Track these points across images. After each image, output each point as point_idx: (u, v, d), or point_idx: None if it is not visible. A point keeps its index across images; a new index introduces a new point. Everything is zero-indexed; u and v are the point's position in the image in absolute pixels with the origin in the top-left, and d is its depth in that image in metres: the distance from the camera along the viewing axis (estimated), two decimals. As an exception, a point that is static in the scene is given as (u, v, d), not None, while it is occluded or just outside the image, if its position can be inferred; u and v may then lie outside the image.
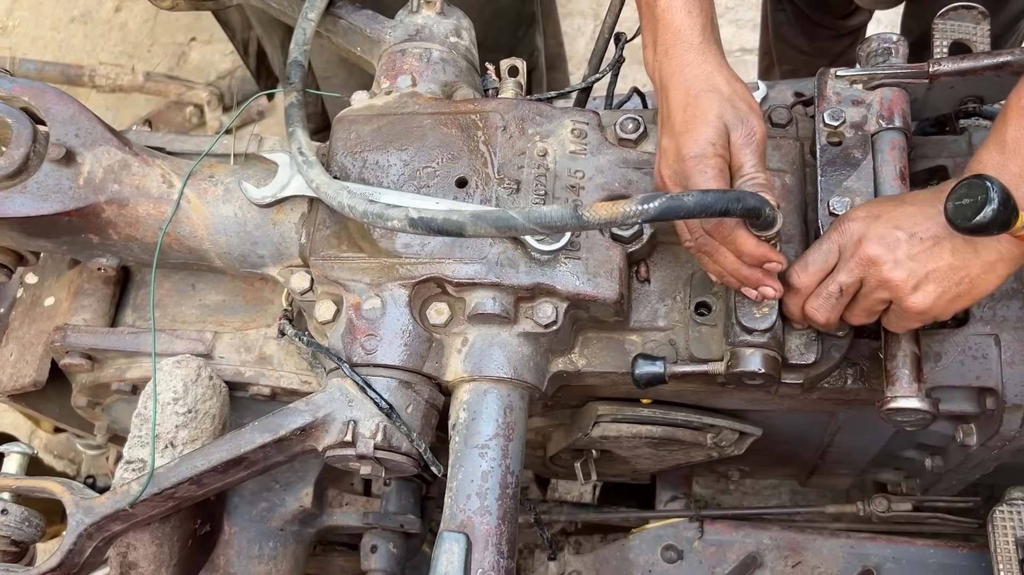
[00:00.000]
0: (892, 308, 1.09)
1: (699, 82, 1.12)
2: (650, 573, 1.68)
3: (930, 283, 1.04)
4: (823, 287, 1.11)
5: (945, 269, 1.04)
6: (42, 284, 1.56)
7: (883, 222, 1.07)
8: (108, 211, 1.31)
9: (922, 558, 1.61)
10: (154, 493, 1.20)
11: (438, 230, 1.03)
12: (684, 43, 1.14)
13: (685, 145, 1.09)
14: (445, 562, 1.07)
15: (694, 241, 1.13)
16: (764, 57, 2.73)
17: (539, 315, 1.22)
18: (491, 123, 1.29)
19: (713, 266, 1.14)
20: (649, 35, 1.19)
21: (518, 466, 1.20)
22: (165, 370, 1.32)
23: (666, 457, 1.54)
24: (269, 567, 1.48)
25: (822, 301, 1.12)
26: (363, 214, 1.10)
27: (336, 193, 1.14)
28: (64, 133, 1.30)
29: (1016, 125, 1.03)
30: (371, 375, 1.20)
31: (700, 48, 1.14)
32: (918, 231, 1.05)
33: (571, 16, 3.50)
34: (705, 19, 1.15)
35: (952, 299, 1.06)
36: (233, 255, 1.35)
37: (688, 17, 1.14)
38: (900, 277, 1.04)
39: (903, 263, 1.04)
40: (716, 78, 1.13)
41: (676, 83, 1.13)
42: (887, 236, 1.06)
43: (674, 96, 1.13)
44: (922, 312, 1.06)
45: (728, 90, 1.12)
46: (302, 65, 1.34)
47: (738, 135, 1.09)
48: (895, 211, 1.08)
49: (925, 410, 1.13)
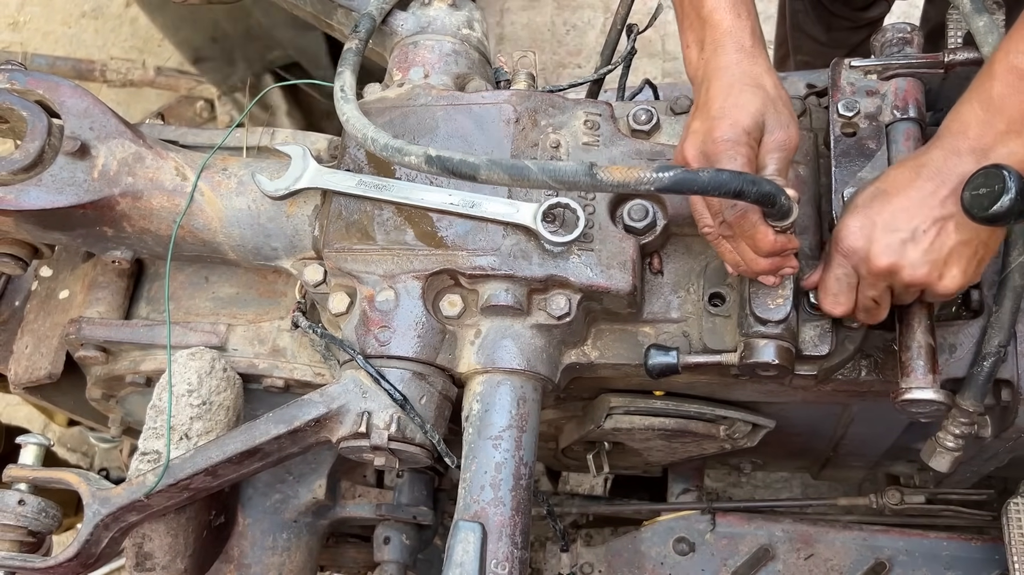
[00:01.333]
0: (927, 293, 1.10)
1: (747, 78, 1.11)
2: (662, 565, 1.68)
3: (952, 266, 1.05)
4: (859, 304, 1.13)
5: (959, 247, 1.04)
6: (57, 277, 1.57)
7: (881, 229, 1.06)
8: (122, 204, 1.31)
9: (935, 550, 1.61)
10: (169, 484, 1.21)
11: (453, 170, 1.03)
12: (735, 43, 1.13)
13: (719, 127, 1.07)
14: (461, 551, 1.08)
15: (714, 227, 1.12)
16: (779, 48, 2.72)
17: (552, 307, 1.22)
18: (504, 115, 1.29)
19: (731, 254, 1.13)
20: (693, 34, 1.18)
21: (531, 457, 1.20)
22: (179, 362, 1.33)
23: (678, 449, 1.54)
24: (283, 558, 1.49)
25: (864, 314, 1.14)
26: (383, 147, 1.11)
27: (363, 127, 1.16)
28: (79, 126, 1.30)
29: (1004, 81, 1.02)
30: (385, 367, 1.20)
31: (751, 51, 1.13)
32: (917, 224, 1.04)
33: (581, 9, 3.49)
34: (754, 23, 1.15)
35: (977, 267, 1.07)
36: (247, 247, 1.36)
37: (738, 20, 1.14)
38: (923, 274, 1.05)
39: (919, 263, 1.04)
40: (765, 79, 1.12)
41: (721, 76, 1.11)
42: (892, 244, 1.05)
43: (716, 87, 1.11)
44: (957, 289, 1.07)
45: (774, 93, 1.11)
46: (373, 19, 1.37)
47: (773, 138, 1.08)
48: (886, 211, 1.07)
49: (940, 401, 1.13)
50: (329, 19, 1.50)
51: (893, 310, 1.18)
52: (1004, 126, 1.01)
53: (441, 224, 1.24)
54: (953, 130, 1.06)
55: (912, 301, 1.14)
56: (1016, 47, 1.02)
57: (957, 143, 1.04)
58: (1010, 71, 1.02)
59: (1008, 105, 1.01)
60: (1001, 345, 1.18)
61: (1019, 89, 1.01)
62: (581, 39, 3.42)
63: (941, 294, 1.07)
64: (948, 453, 1.25)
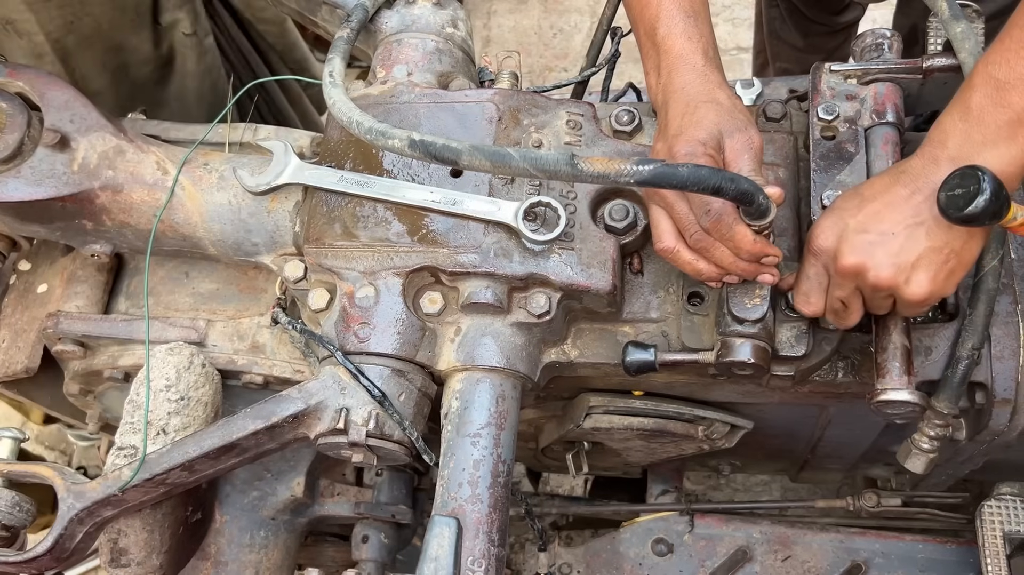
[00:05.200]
0: (896, 300, 1.10)
1: (701, 96, 1.15)
2: (640, 566, 1.68)
3: (919, 271, 1.04)
4: (829, 305, 1.14)
5: (927, 252, 1.04)
6: (35, 271, 1.56)
7: (852, 230, 1.07)
8: (102, 197, 1.31)
9: (911, 553, 1.62)
10: (145, 479, 1.20)
11: (435, 155, 1.03)
12: (686, 66, 1.17)
13: (676, 144, 1.11)
14: (436, 546, 1.08)
15: (689, 238, 1.13)
16: (758, 55, 2.74)
17: (532, 305, 1.22)
18: (486, 113, 1.29)
19: (707, 268, 1.14)
20: (651, 62, 1.22)
21: (510, 455, 1.21)
22: (158, 357, 1.32)
23: (657, 450, 1.55)
24: (260, 556, 1.48)
25: (836, 315, 1.15)
26: (368, 131, 1.11)
27: (348, 110, 1.15)
28: (59, 119, 1.30)
29: (982, 92, 1.03)
30: (364, 363, 1.20)
31: (702, 70, 1.17)
32: (887, 228, 1.05)
33: (568, 13, 3.51)
34: (706, 43, 1.19)
35: (947, 276, 1.06)
36: (227, 243, 1.35)
37: (689, 43, 1.18)
38: (888, 276, 1.04)
39: (885, 264, 1.04)
40: (718, 93, 1.15)
41: (678, 98, 1.16)
42: (860, 244, 1.06)
43: (673, 109, 1.16)
44: (925, 298, 1.06)
45: (728, 104, 1.14)
46: (366, 10, 1.37)
47: (735, 141, 1.11)
48: (859, 214, 1.07)
49: (915, 402, 1.14)
50: (313, 16, 1.50)
51: (871, 314, 1.19)
52: (982, 137, 1.02)
53: (423, 222, 1.24)
54: (934, 140, 1.07)
55: (886, 312, 1.14)
56: (996, 58, 1.03)
57: (936, 152, 1.05)
58: (988, 82, 1.02)
59: (986, 116, 1.02)
60: (975, 348, 1.19)
61: (997, 100, 1.01)
62: (568, 43, 3.43)
63: (909, 300, 1.06)
64: (923, 454, 1.26)
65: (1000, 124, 1.01)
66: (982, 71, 1.04)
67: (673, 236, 1.14)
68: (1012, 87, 1.00)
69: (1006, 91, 1.00)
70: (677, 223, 1.13)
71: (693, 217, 1.11)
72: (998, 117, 1.01)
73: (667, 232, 1.14)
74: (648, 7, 1.21)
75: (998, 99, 1.01)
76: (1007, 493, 1.45)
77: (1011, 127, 1.00)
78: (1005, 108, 1.00)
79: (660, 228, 1.15)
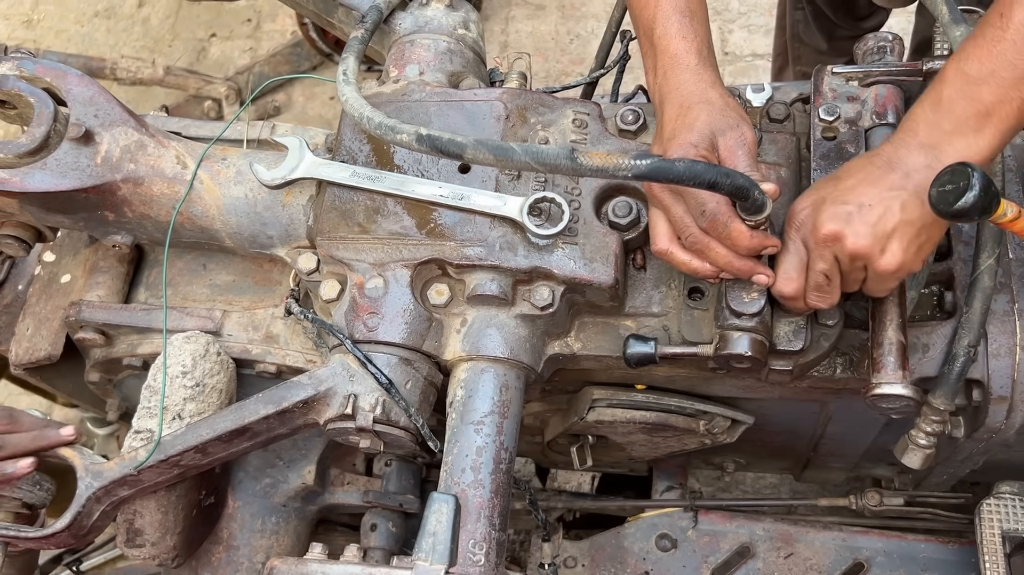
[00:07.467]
0: (868, 274, 1.13)
1: (693, 96, 1.18)
2: (644, 560, 1.71)
3: (893, 241, 1.08)
4: (810, 281, 1.15)
5: (902, 225, 1.07)
6: (59, 262, 1.61)
7: (830, 203, 1.11)
8: (124, 189, 1.35)
9: (912, 552, 1.64)
10: (160, 460, 1.25)
11: (441, 149, 1.07)
12: (681, 65, 1.21)
13: (670, 148, 1.15)
14: (434, 521, 1.11)
15: (685, 239, 1.16)
16: (778, 58, 2.75)
17: (536, 298, 1.25)
18: (494, 111, 1.33)
19: (702, 266, 1.17)
20: (649, 61, 1.26)
21: (512, 443, 1.24)
22: (175, 344, 1.36)
23: (660, 444, 1.57)
24: (271, 541, 1.52)
25: (816, 293, 1.16)
26: (377, 126, 1.16)
27: (360, 106, 1.20)
28: (83, 113, 1.35)
29: (953, 85, 1.07)
30: (372, 351, 1.24)
31: (696, 69, 1.20)
32: (864, 200, 1.08)
33: (585, 19, 3.54)
34: (700, 43, 1.22)
35: (917, 250, 1.10)
36: (243, 235, 1.40)
37: (683, 42, 1.21)
38: (865, 244, 1.08)
39: (863, 233, 1.07)
40: (710, 93, 1.19)
41: (672, 98, 1.19)
42: (838, 213, 1.09)
43: (668, 110, 1.19)
44: (896, 269, 1.09)
45: (721, 103, 1.17)
46: (380, 11, 1.43)
47: (728, 139, 1.14)
48: (835, 190, 1.12)
49: (909, 396, 1.16)
50: (330, 17, 1.55)
51: (870, 311, 1.21)
52: (950, 127, 1.07)
53: (431, 216, 1.28)
54: (905, 128, 1.11)
55: (856, 289, 1.16)
56: (967, 54, 1.08)
57: (907, 139, 1.10)
58: (958, 76, 1.07)
59: (955, 107, 1.06)
60: (971, 345, 1.21)
61: (965, 93, 1.06)
62: (585, 48, 3.47)
63: (881, 271, 1.09)
64: (920, 450, 1.28)
65: (968, 116, 1.06)
66: (953, 65, 1.09)
67: (667, 238, 1.17)
68: (983, 82, 1.05)
69: (977, 85, 1.05)
70: (673, 224, 1.17)
71: (689, 219, 1.14)
72: (967, 109, 1.06)
73: (662, 234, 1.18)
74: (646, 7, 1.25)
75: (968, 93, 1.06)
76: (1007, 492, 1.47)
77: (979, 119, 1.05)
78: (974, 102, 1.05)
79: (656, 230, 1.19)
